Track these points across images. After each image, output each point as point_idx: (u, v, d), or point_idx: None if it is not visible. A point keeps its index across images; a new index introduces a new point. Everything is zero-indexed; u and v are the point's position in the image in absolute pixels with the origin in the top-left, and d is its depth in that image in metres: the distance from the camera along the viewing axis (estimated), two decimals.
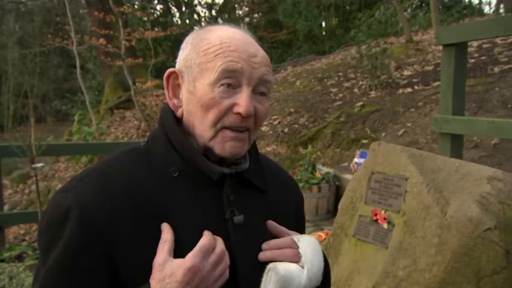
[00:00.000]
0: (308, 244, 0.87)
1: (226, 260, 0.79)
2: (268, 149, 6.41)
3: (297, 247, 0.86)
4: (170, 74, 0.86)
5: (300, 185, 4.54)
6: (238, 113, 0.80)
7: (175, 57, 0.90)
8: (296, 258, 0.84)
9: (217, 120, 0.80)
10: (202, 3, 16.18)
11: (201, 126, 0.82)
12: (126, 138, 8.54)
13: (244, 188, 0.87)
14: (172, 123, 0.85)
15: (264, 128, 6.80)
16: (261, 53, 0.84)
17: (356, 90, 6.87)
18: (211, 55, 0.80)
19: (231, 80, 0.80)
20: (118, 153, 0.86)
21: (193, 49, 0.83)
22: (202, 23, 16.08)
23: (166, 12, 15.58)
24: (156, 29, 10.31)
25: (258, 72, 0.82)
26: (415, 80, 6.34)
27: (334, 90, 7.20)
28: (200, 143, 0.83)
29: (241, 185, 0.87)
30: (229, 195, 0.85)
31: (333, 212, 4.55)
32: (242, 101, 0.80)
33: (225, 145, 0.81)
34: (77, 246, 0.74)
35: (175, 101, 0.87)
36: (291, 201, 1.01)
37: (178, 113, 0.86)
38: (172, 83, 0.87)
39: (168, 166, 0.82)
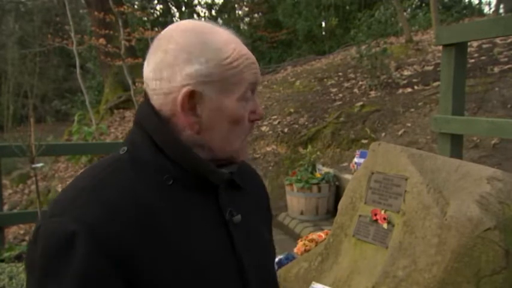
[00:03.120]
0: None
1: None
2: (268, 149, 6.42)
3: None
4: (191, 95, 0.78)
5: (300, 185, 4.55)
6: (254, 120, 0.84)
7: None
8: None
9: (244, 133, 0.84)
10: (202, 3, 16.19)
11: (228, 140, 0.82)
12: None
13: (230, 187, 0.87)
14: (160, 126, 0.79)
15: (263, 128, 6.80)
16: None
17: (356, 90, 6.87)
18: (236, 69, 0.79)
19: (251, 91, 0.82)
20: (101, 166, 0.79)
21: (210, 62, 0.77)
22: None
23: (166, 12, 15.60)
24: (156, 29, 10.29)
25: (260, 78, 0.85)
26: (415, 80, 6.34)
27: (334, 90, 7.20)
28: (217, 155, 0.82)
29: (228, 185, 0.87)
30: (224, 196, 0.85)
31: (332, 212, 4.55)
32: (257, 107, 0.84)
33: (243, 151, 0.86)
34: (94, 274, 0.67)
35: (192, 118, 0.79)
36: (262, 195, 1.03)
37: (193, 130, 0.80)
38: (191, 102, 0.78)
39: (159, 173, 0.78)
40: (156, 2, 16.07)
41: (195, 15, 16.11)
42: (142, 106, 0.84)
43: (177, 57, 0.77)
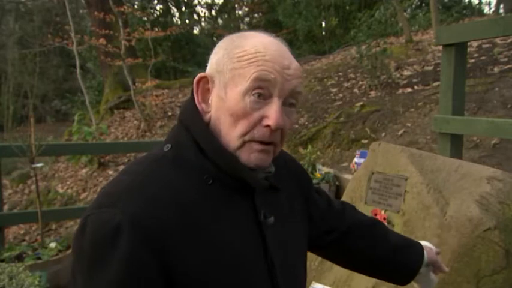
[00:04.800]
0: None
1: None
2: None
3: None
4: (201, 78, 0.86)
5: None
6: (267, 126, 0.80)
7: (175, 57, 0.90)
8: None
9: (246, 132, 0.81)
10: (202, 3, 16.19)
11: (229, 135, 0.82)
12: (126, 138, 8.54)
13: (267, 188, 0.89)
14: (204, 128, 0.84)
15: None
16: (294, 64, 0.84)
17: (356, 90, 6.87)
18: (244, 62, 0.80)
19: (262, 90, 0.80)
20: (145, 163, 0.83)
21: (227, 54, 0.83)
22: (202, 23, 16.07)
23: (166, 12, 15.58)
24: (156, 29, 10.30)
25: (290, 85, 0.82)
26: (415, 80, 6.33)
27: (334, 90, 7.20)
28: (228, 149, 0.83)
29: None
30: (259, 199, 0.87)
31: None
32: (272, 113, 0.80)
33: (250, 156, 0.82)
34: (136, 263, 0.71)
35: (204, 106, 0.86)
36: (294, 186, 1.03)
37: (206, 117, 0.85)
38: (202, 87, 0.86)
39: (200, 172, 0.82)
40: (156, 2, 16.05)
41: (195, 15, 16.11)
42: (186, 104, 0.88)
43: (213, 52, 0.87)
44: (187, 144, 0.83)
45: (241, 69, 0.80)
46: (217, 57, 0.85)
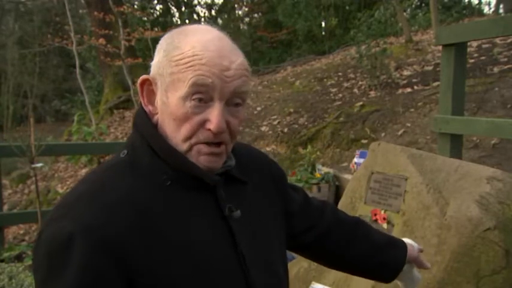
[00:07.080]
0: None
1: None
2: (268, 149, 6.41)
3: None
4: (144, 81, 0.84)
5: (300, 185, 4.54)
6: (209, 129, 0.79)
7: None
8: None
9: (191, 136, 0.80)
10: (202, 3, 16.17)
11: (175, 139, 0.81)
12: (125, 138, 8.53)
13: (230, 183, 0.88)
14: (153, 131, 0.83)
15: (263, 128, 6.80)
16: (235, 64, 0.80)
17: (356, 90, 6.87)
18: (182, 66, 0.78)
19: (202, 94, 0.78)
20: (101, 171, 0.83)
21: (166, 57, 0.81)
22: (202, 23, 16.03)
23: (166, 12, 15.57)
24: (156, 29, 10.29)
25: (230, 86, 0.79)
26: (414, 80, 6.33)
27: (333, 90, 7.20)
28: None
29: (228, 180, 0.88)
30: (222, 193, 0.86)
31: None
32: (213, 117, 0.78)
33: (199, 159, 0.81)
34: (91, 272, 0.70)
35: (150, 107, 0.85)
36: (267, 182, 1.01)
37: (154, 119, 0.85)
38: (146, 89, 0.85)
39: (158, 175, 0.81)
40: (156, 2, 16.05)
41: (194, 15, 16.09)
42: (138, 110, 0.88)
43: (156, 50, 0.85)
44: (142, 147, 0.83)
45: (179, 74, 0.78)
46: (158, 59, 0.83)
